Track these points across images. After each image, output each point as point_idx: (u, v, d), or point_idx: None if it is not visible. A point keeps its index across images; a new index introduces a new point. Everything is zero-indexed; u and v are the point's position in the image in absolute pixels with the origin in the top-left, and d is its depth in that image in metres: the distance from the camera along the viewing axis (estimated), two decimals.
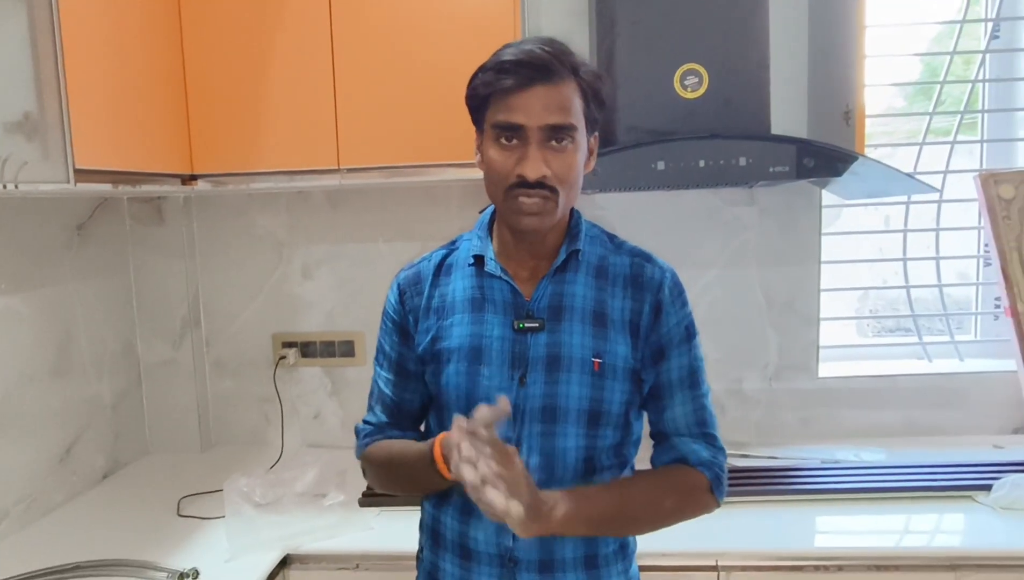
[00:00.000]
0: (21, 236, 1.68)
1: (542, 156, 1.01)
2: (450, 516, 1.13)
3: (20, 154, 1.22)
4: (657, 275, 1.13)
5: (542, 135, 1.01)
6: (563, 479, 1.09)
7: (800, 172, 1.54)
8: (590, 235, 1.15)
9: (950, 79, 2.02)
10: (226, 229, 2.12)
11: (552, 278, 1.11)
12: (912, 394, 2.04)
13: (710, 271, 2.04)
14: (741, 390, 2.07)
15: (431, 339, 1.13)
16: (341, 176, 1.72)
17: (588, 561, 1.11)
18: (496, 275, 1.11)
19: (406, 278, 1.19)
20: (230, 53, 1.71)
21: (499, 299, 1.10)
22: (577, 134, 1.03)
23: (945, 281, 2.10)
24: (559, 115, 1.01)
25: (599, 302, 1.10)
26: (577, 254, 1.11)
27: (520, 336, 1.09)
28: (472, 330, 1.10)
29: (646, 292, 1.11)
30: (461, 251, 1.17)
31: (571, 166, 1.03)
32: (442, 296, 1.14)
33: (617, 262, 1.13)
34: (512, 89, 1.00)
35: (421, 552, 1.22)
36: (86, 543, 1.55)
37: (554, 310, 1.09)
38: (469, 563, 1.11)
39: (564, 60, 1.01)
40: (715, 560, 1.46)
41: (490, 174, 1.05)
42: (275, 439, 2.14)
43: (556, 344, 1.08)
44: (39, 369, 1.71)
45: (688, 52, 1.62)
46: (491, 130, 1.04)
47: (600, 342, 1.08)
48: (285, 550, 1.51)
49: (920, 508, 1.61)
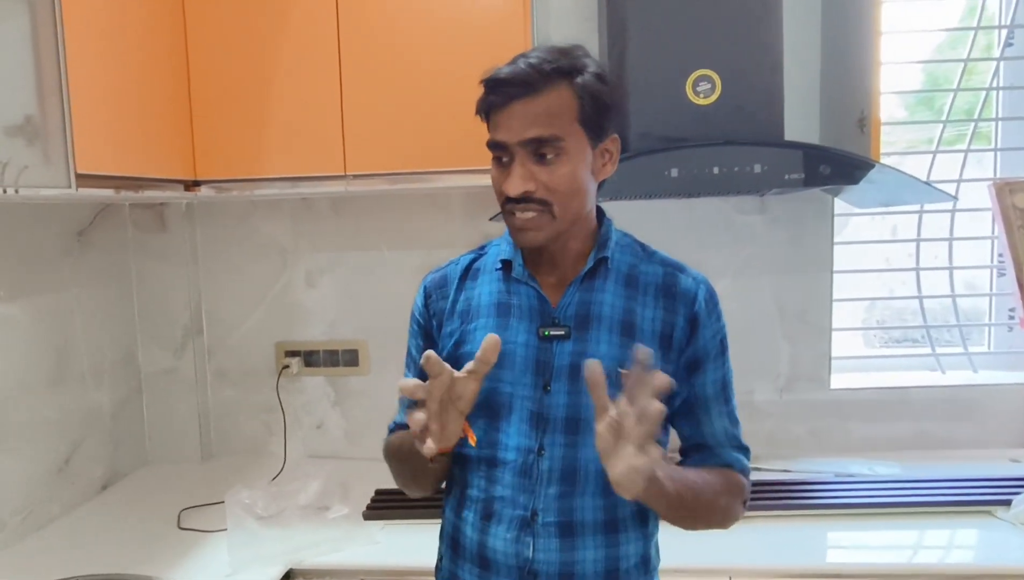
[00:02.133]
0: (20, 242, 1.65)
1: (526, 171, 1.01)
2: (469, 525, 1.10)
3: (21, 158, 1.19)
4: (692, 286, 1.10)
5: (525, 151, 1.01)
6: (584, 491, 1.06)
7: (815, 179, 1.51)
8: (621, 243, 1.13)
9: (944, 88, 2.00)
10: (229, 236, 2.09)
11: (580, 286, 1.09)
12: (925, 406, 2.00)
13: (721, 281, 1.97)
14: (752, 401, 2.04)
15: (454, 343, 1.11)
16: (347, 182, 1.69)
17: (609, 575, 1.07)
18: (523, 281, 1.10)
19: (433, 281, 1.18)
20: (235, 57, 1.68)
21: (525, 305, 1.09)
22: (564, 143, 1.01)
23: (954, 292, 2.07)
24: (538, 128, 1.00)
25: (628, 311, 1.08)
26: (606, 262, 1.10)
27: (545, 343, 1.07)
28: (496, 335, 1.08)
29: (679, 303, 1.09)
30: (489, 256, 1.16)
31: (561, 176, 1.01)
32: (467, 300, 1.13)
33: (648, 271, 1.11)
34: (496, 107, 1.02)
35: (440, 561, 1.19)
36: (84, 556, 1.52)
37: (581, 318, 1.07)
38: (488, 574, 1.08)
39: (549, 68, 1.00)
40: (728, 576, 1.43)
41: (494, 192, 1.07)
42: (277, 450, 2.10)
43: (582, 353, 1.05)
44: (37, 378, 1.68)
45: (700, 58, 1.60)
46: (489, 149, 1.05)
47: (628, 352, 1.04)
48: (288, 564, 1.48)
49: (937, 523, 1.58)
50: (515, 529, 1.06)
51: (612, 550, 1.08)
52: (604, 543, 1.07)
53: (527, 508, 1.06)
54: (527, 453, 1.06)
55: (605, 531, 1.07)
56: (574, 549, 1.05)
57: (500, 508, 1.07)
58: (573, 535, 1.06)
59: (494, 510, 1.07)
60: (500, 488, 1.07)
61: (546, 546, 1.05)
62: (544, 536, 1.05)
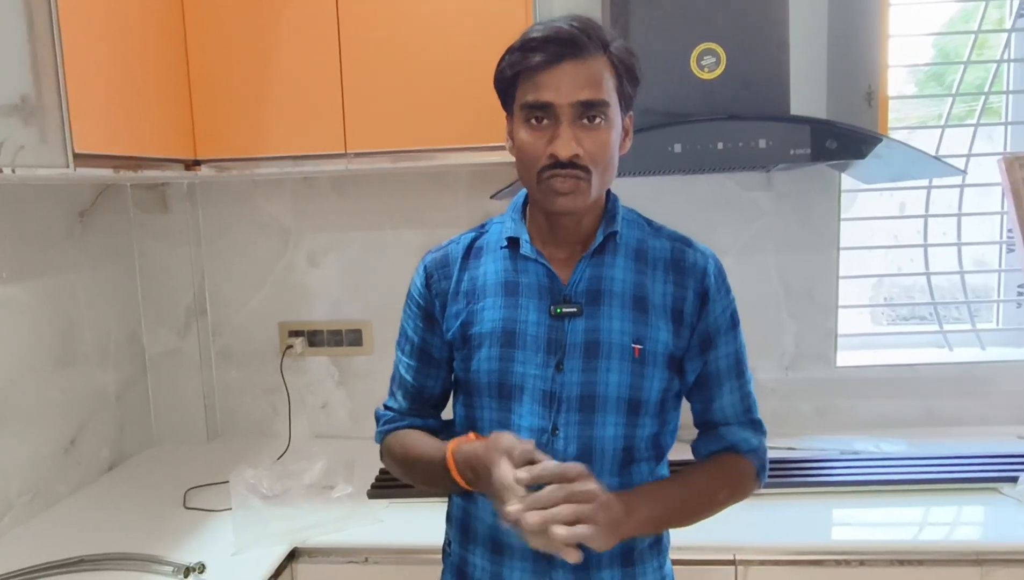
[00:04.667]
0: (22, 223, 1.64)
1: (574, 134, 0.97)
2: (481, 508, 1.09)
3: (17, 138, 1.18)
4: (700, 261, 1.09)
5: (573, 112, 0.97)
6: (600, 470, 1.05)
7: (822, 154, 1.49)
8: (627, 219, 1.11)
9: (955, 61, 1.97)
10: (231, 216, 2.09)
11: (590, 261, 1.07)
12: (933, 384, 1.99)
13: (725, 258, 1.93)
14: (757, 379, 1.98)
15: (461, 324, 1.09)
16: (348, 161, 1.68)
17: (624, 557, 1.07)
18: (532, 258, 1.07)
19: (433, 261, 1.14)
20: (234, 34, 1.66)
21: (534, 283, 1.07)
22: (610, 111, 0.99)
23: (962, 268, 2.05)
24: (590, 91, 0.97)
25: (639, 286, 1.06)
26: (615, 237, 1.07)
27: (557, 321, 1.05)
28: (505, 314, 1.06)
29: (689, 278, 1.07)
30: (492, 234, 1.13)
31: (604, 144, 0.99)
32: (472, 279, 1.10)
33: (657, 246, 1.09)
34: (540, 67, 0.97)
35: (448, 545, 1.18)
36: (91, 536, 1.53)
37: (592, 294, 1.05)
38: (501, 557, 1.07)
39: (593, 35, 0.98)
40: (733, 554, 1.43)
41: (522, 157, 1.02)
42: (282, 430, 2.11)
43: (595, 330, 1.04)
44: (42, 359, 1.68)
45: (705, 32, 1.57)
46: (521, 112, 1.00)
47: (641, 328, 1.04)
48: (293, 543, 1.48)
49: (943, 500, 1.58)
50: None
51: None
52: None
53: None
54: (541, 434, 1.04)
55: None
56: None
57: None
58: None
59: None
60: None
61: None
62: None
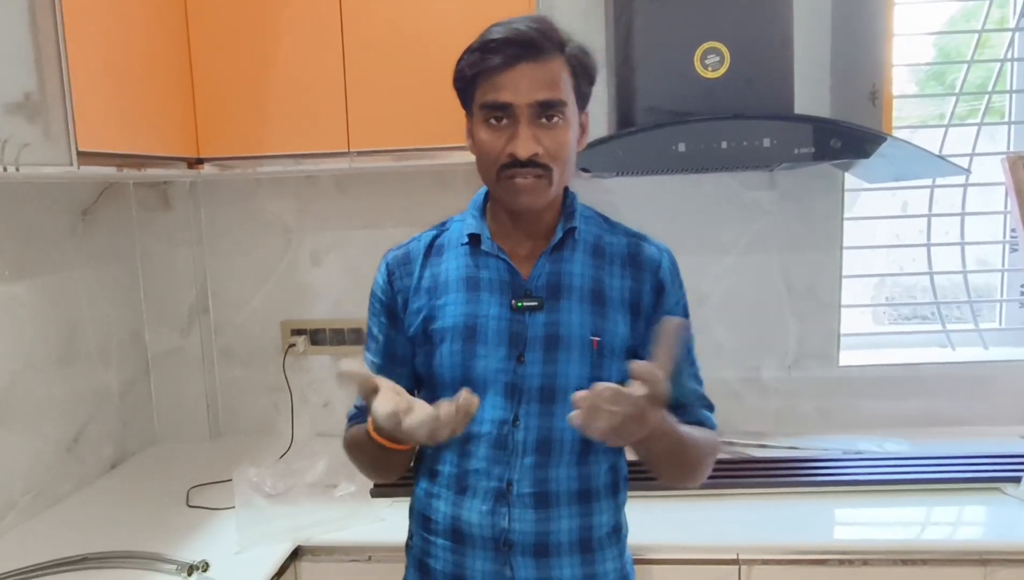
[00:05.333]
0: (25, 221, 1.64)
1: (532, 134, 1.00)
2: (442, 500, 1.12)
3: (21, 136, 1.18)
4: (656, 255, 1.13)
5: (531, 112, 1.00)
6: (559, 461, 1.08)
7: (826, 153, 1.49)
8: (584, 215, 1.15)
9: (958, 60, 1.96)
10: (233, 215, 2.08)
11: (549, 257, 1.10)
12: (935, 383, 1.99)
13: (728, 257, 1.99)
14: (759, 378, 2.03)
15: (423, 320, 1.11)
16: (351, 159, 1.68)
17: (583, 544, 1.10)
18: (492, 254, 1.10)
19: (395, 258, 1.17)
20: (237, 32, 1.66)
21: (495, 278, 1.10)
22: (567, 110, 1.02)
23: (965, 268, 2.05)
24: (548, 91, 1.00)
25: (597, 281, 1.10)
26: (573, 232, 1.11)
27: (518, 315, 1.08)
28: (467, 309, 1.09)
29: (645, 272, 1.12)
30: (452, 231, 1.16)
31: (563, 143, 1.02)
32: (434, 276, 1.13)
33: (614, 241, 1.14)
34: (499, 68, 1.00)
35: (411, 539, 1.20)
36: (94, 534, 1.53)
37: (552, 289, 1.09)
38: (463, 547, 1.10)
39: (551, 36, 1.01)
40: (736, 553, 1.43)
41: (481, 156, 1.06)
42: (284, 428, 2.11)
43: (555, 323, 1.07)
44: (45, 357, 1.68)
45: (709, 30, 1.57)
46: (480, 111, 1.04)
47: (599, 321, 1.08)
48: (296, 542, 1.48)
49: (946, 500, 1.57)
50: (490, 501, 1.07)
51: (586, 519, 1.10)
52: (578, 512, 1.09)
53: (502, 479, 1.07)
54: (502, 424, 1.07)
55: (579, 501, 1.09)
56: (549, 519, 1.07)
57: (475, 481, 1.08)
58: (548, 505, 1.07)
59: (468, 483, 1.09)
60: (474, 461, 1.08)
61: (522, 516, 1.07)
62: (520, 507, 1.07)
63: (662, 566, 1.43)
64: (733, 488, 1.63)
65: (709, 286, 2.00)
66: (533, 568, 1.07)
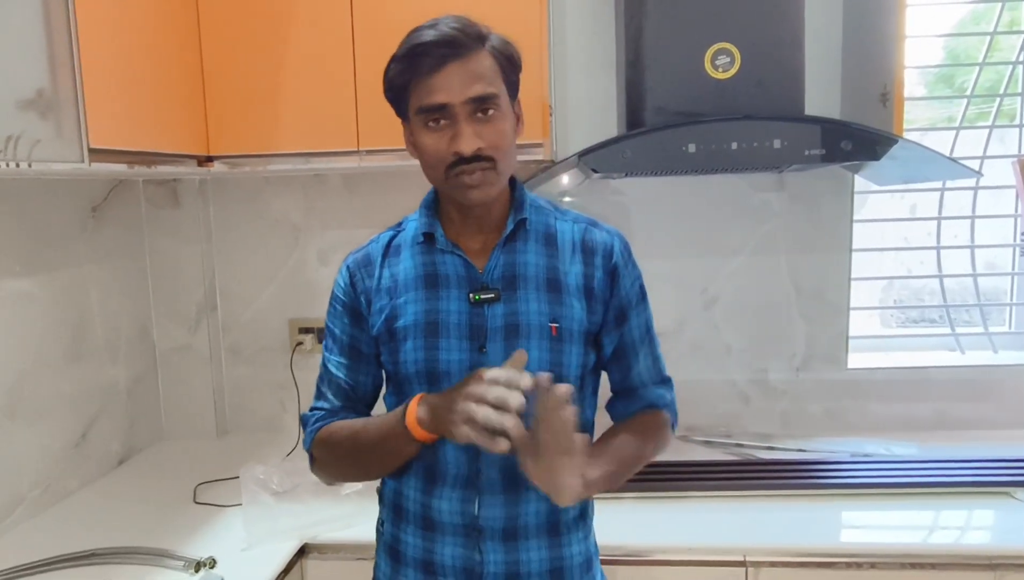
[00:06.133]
0: (35, 218, 1.65)
1: (472, 129, 1.03)
2: (412, 488, 1.13)
3: (33, 132, 1.19)
4: (607, 239, 1.15)
5: (467, 109, 1.02)
6: None
7: (836, 155, 1.48)
8: (535, 205, 1.17)
9: (970, 63, 1.95)
10: (242, 213, 2.09)
11: (503, 249, 1.12)
12: (944, 387, 1.98)
13: (736, 258, 1.99)
14: (766, 380, 2.02)
15: (385, 319, 1.13)
16: (360, 157, 1.68)
17: (551, 528, 1.12)
18: (448, 250, 1.12)
19: (355, 261, 1.19)
20: (248, 31, 1.66)
21: (452, 273, 1.11)
22: (500, 101, 1.05)
23: (975, 271, 2.04)
24: (480, 85, 1.02)
25: (551, 269, 1.12)
26: (524, 223, 1.13)
27: (477, 308, 1.09)
28: (427, 306, 1.10)
29: (597, 257, 1.14)
30: (408, 231, 1.18)
31: (502, 132, 1.05)
32: (393, 276, 1.14)
33: (565, 229, 1.15)
34: (429, 71, 1.02)
35: (381, 525, 1.22)
36: (101, 530, 1.53)
37: (508, 280, 1.10)
38: (433, 534, 1.11)
39: (471, 32, 1.03)
40: (743, 555, 1.42)
41: (427, 159, 1.07)
42: (291, 426, 2.11)
43: (514, 313, 1.09)
44: (54, 353, 1.69)
45: (719, 31, 1.57)
46: (417, 117, 1.06)
47: (556, 307, 1.10)
48: (303, 539, 1.48)
49: (955, 504, 1.57)
50: (460, 488, 1.09)
51: (552, 505, 1.09)
52: (545, 496, 1.07)
53: (471, 466, 1.09)
54: None
55: None
56: (517, 503, 1.09)
57: (444, 469, 1.10)
58: (517, 490, 1.09)
59: (437, 471, 1.10)
60: (442, 450, 1.09)
61: (491, 502, 1.09)
62: (489, 492, 1.09)
63: (669, 567, 1.42)
64: (740, 490, 1.62)
65: (717, 287, 2.00)
66: (502, 552, 1.09)
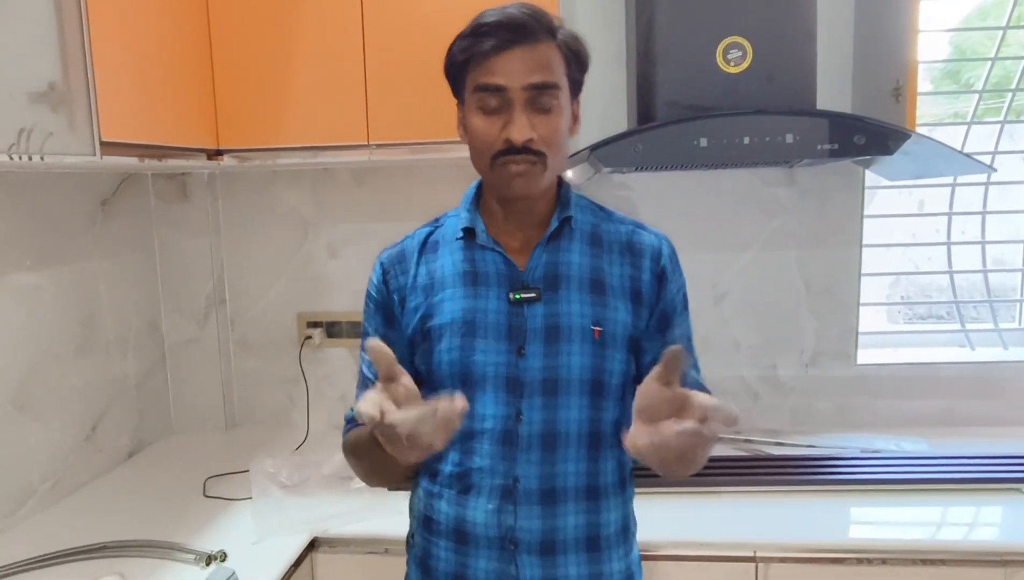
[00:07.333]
0: (45, 212, 1.65)
1: (527, 119, 0.99)
2: (445, 501, 1.09)
3: (45, 125, 1.19)
4: (655, 242, 1.12)
5: (526, 96, 0.99)
6: (567, 455, 1.06)
7: (849, 150, 1.48)
8: (580, 205, 1.13)
9: (981, 57, 1.94)
10: (251, 207, 2.09)
11: (546, 247, 1.08)
12: (954, 383, 1.97)
13: (746, 253, 1.98)
14: (776, 376, 2.02)
15: (420, 318, 1.09)
16: (370, 151, 1.67)
17: (590, 543, 1.08)
18: (488, 247, 1.08)
19: (389, 257, 1.15)
20: (258, 25, 1.66)
21: (492, 271, 1.08)
22: (561, 95, 1.01)
23: (985, 266, 2.03)
24: (541, 74, 0.99)
25: (595, 269, 1.08)
26: (569, 222, 1.09)
27: (516, 308, 1.06)
28: (465, 304, 1.07)
29: (645, 259, 1.10)
30: (447, 227, 1.15)
31: (556, 128, 1.01)
32: (430, 273, 1.11)
33: (611, 230, 1.12)
34: (492, 51, 0.99)
35: (412, 537, 1.18)
36: (112, 523, 1.54)
37: (550, 279, 1.07)
38: (466, 547, 1.07)
39: (542, 21, 1.00)
40: (753, 551, 1.42)
41: (475, 143, 1.04)
42: (300, 420, 2.11)
43: (554, 314, 1.05)
44: (63, 346, 1.69)
45: (731, 25, 1.56)
46: (473, 96, 1.02)
47: (599, 310, 1.06)
48: (313, 533, 1.49)
49: (964, 500, 1.56)
50: (496, 499, 1.05)
51: (593, 516, 1.08)
52: (585, 509, 1.07)
53: (508, 476, 1.05)
54: (505, 420, 1.05)
55: (587, 497, 1.07)
56: (555, 516, 1.05)
57: (479, 480, 1.06)
58: (555, 502, 1.05)
59: (472, 483, 1.07)
60: (478, 459, 1.06)
61: (528, 513, 1.05)
62: (526, 503, 1.05)
63: (679, 563, 1.42)
64: (750, 486, 1.62)
65: (727, 283, 1.99)
66: (539, 567, 1.06)
